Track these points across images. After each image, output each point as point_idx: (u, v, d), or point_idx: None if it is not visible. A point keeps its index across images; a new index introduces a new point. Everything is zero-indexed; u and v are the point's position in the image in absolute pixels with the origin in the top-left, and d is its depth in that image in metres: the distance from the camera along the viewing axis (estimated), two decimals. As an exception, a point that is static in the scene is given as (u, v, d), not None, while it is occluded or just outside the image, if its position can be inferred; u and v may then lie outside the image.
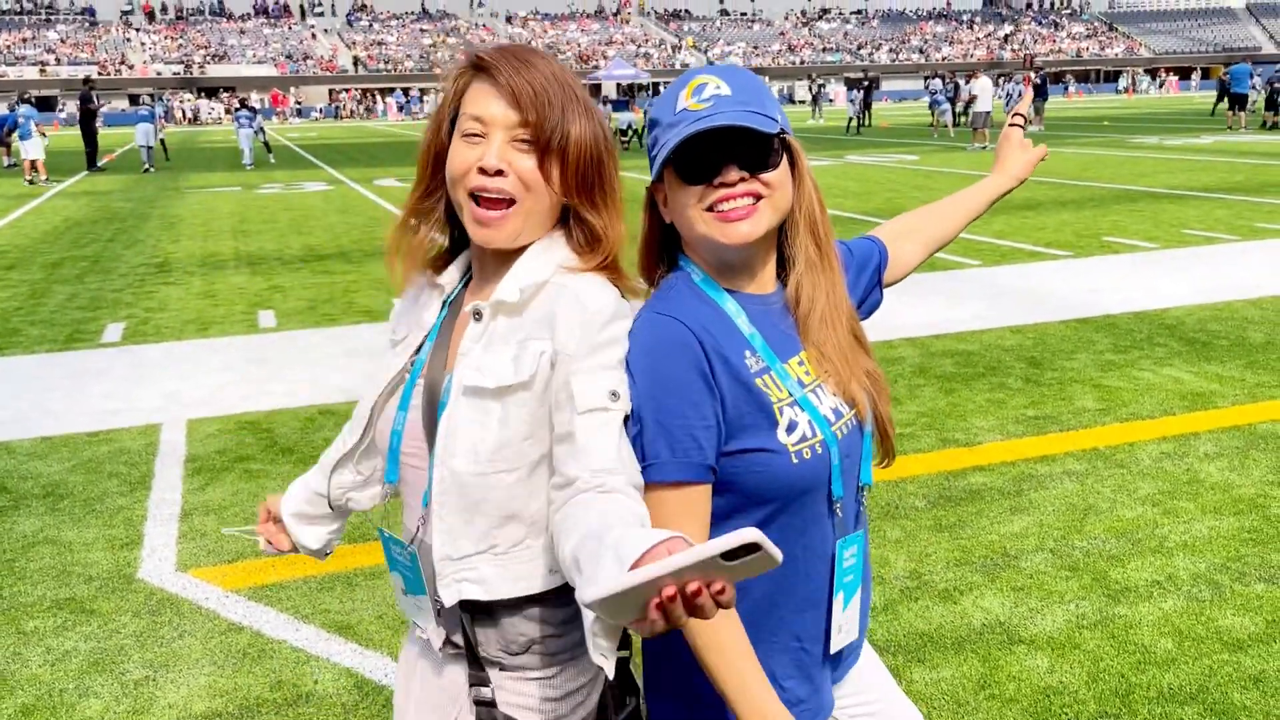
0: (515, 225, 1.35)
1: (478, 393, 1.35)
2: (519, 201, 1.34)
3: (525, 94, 1.32)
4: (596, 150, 1.36)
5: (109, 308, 8.47)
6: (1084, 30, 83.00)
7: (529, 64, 1.35)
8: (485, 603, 1.38)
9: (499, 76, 1.33)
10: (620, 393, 1.31)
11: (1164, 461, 4.55)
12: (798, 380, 1.41)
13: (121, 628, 3.39)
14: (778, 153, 1.36)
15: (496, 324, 1.37)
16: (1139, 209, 12.60)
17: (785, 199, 1.38)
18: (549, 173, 1.34)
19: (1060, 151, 22.09)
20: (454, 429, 1.36)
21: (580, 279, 1.36)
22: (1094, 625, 3.23)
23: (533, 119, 1.32)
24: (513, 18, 78.13)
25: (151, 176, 22.18)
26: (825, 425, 1.39)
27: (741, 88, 1.36)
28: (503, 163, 1.32)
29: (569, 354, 1.31)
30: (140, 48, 66.40)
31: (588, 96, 1.39)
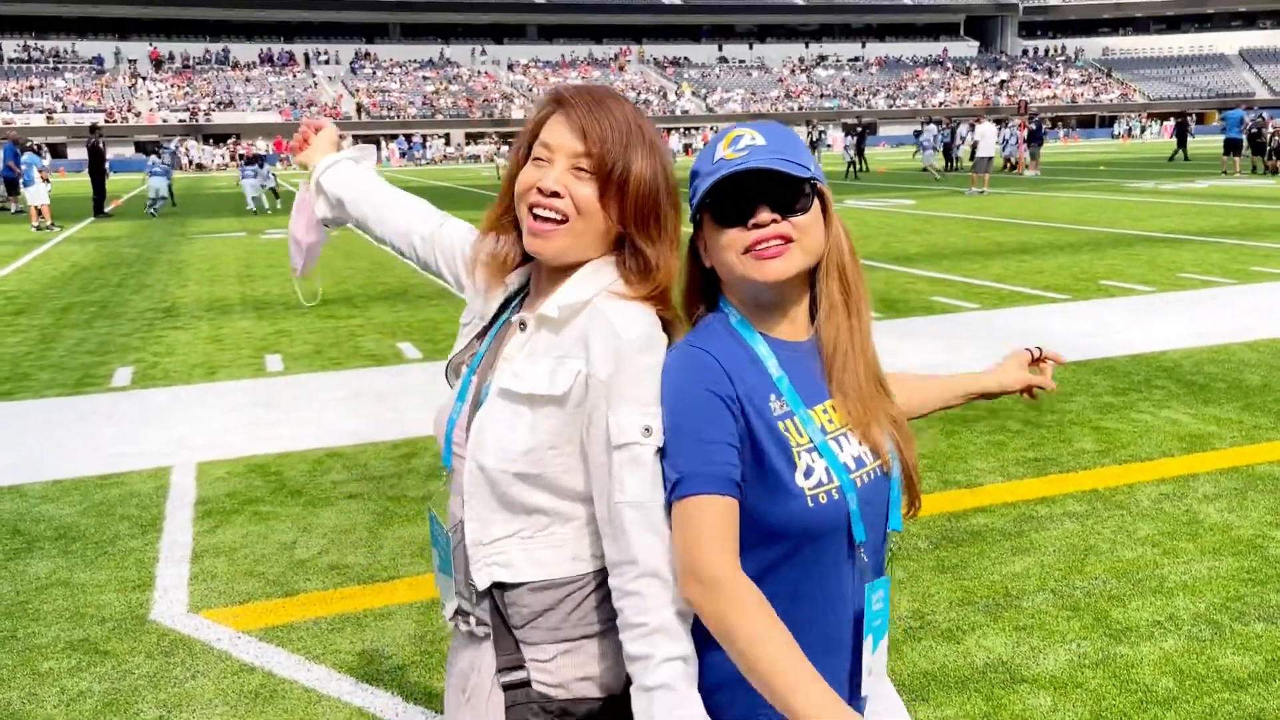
0: (562, 242, 1.47)
1: (510, 395, 1.48)
2: (570, 221, 1.46)
3: (592, 128, 1.45)
4: (654, 187, 1.49)
5: (118, 352, 8.55)
6: (1079, 76, 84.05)
7: (602, 104, 1.48)
8: (512, 584, 1.49)
9: (572, 112, 1.47)
10: (653, 428, 1.40)
11: (1163, 503, 4.60)
12: (820, 427, 1.45)
13: (135, 668, 3.43)
14: (808, 197, 1.44)
15: (539, 336, 1.50)
16: (1135, 253, 12.74)
17: (816, 242, 1.45)
18: (606, 202, 1.46)
19: (1057, 196, 22.32)
20: (484, 426, 1.49)
21: (619, 304, 1.46)
22: (1096, 664, 3.28)
23: (595, 150, 1.45)
24: (514, 65, 79.17)
25: (158, 222, 22.39)
26: (844, 472, 1.43)
27: (775, 139, 1.45)
28: (559, 186, 1.46)
29: (601, 378, 1.42)
30: (147, 96, 67.22)
31: (656, 139, 1.52)
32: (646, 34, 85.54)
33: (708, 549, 1.34)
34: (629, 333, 1.42)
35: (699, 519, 1.35)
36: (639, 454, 1.39)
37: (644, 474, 1.39)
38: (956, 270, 11.79)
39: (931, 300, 9.88)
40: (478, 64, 78.82)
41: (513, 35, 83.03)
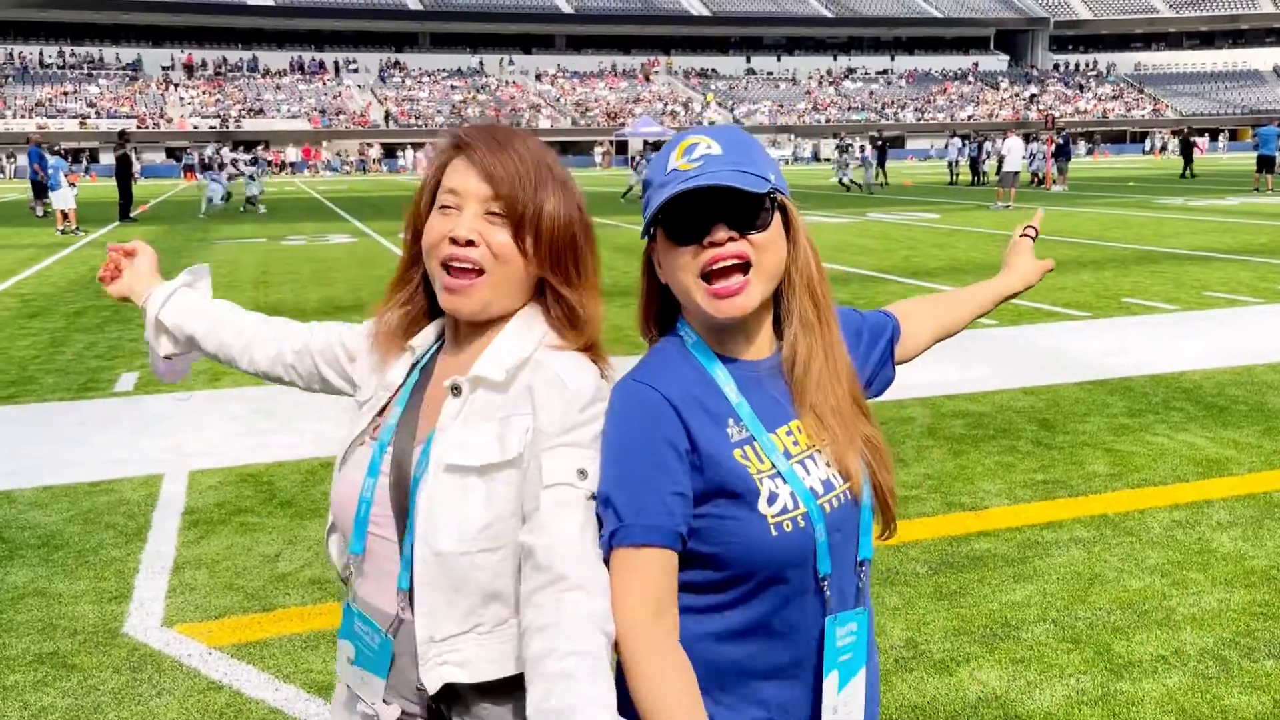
0: (483, 295, 1.37)
1: (460, 470, 1.34)
2: (488, 272, 1.36)
3: (499, 169, 1.36)
4: (570, 228, 1.39)
5: (125, 357, 8.54)
6: (1110, 91, 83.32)
7: (506, 143, 1.38)
8: (464, 685, 1.35)
9: (475, 154, 1.37)
10: (589, 471, 1.31)
11: (1175, 530, 4.43)
12: (784, 451, 1.36)
13: (101, 684, 3.35)
14: (768, 212, 1.34)
15: (476, 399, 1.38)
16: (1160, 270, 12.50)
17: (776, 261, 1.36)
18: (523, 246, 1.36)
19: (1082, 212, 22.04)
20: (434, 507, 1.34)
21: (562, 357, 1.37)
22: (1095, 701, 3.12)
23: (505, 192, 1.35)
24: (542, 75, 79.43)
25: (181, 227, 22.55)
26: (810, 498, 1.35)
27: (732, 147, 1.35)
28: (473, 233, 1.35)
29: (547, 432, 1.32)
30: (179, 102, 67.97)
31: (566, 176, 1.42)
32: (675, 45, 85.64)
33: (633, 602, 1.26)
34: (576, 384, 1.34)
35: (630, 571, 1.27)
36: (569, 496, 1.29)
37: (572, 518, 1.28)
38: (976, 285, 11.59)
39: (948, 316, 9.70)
40: (506, 73, 79.18)
41: (541, 45, 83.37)
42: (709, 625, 1.35)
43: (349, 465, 1.47)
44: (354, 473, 1.45)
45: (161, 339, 1.76)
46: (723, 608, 1.34)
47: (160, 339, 1.76)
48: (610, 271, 13.34)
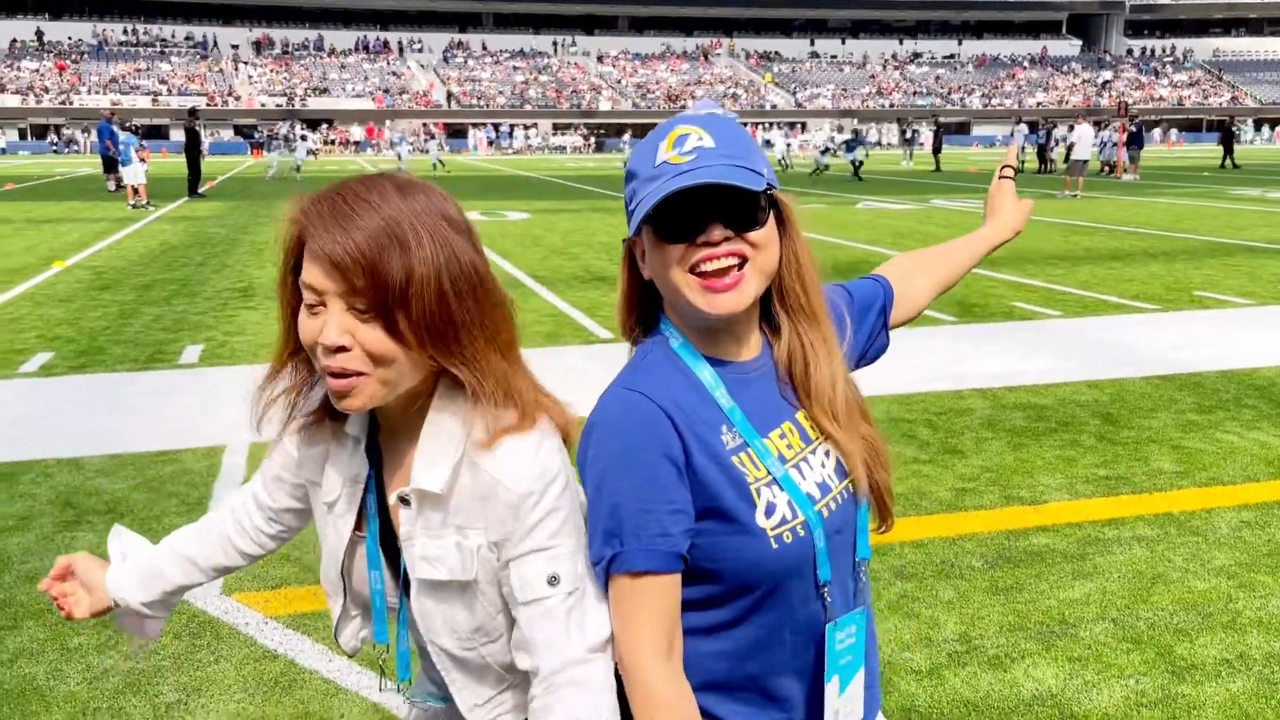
0: (372, 391, 1.24)
1: (431, 585, 1.32)
2: (369, 373, 1.23)
3: (344, 258, 1.18)
4: (444, 300, 1.21)
5: (190, 330, 8.72)
6: (1186, 78, 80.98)
7: (348, 217, 1.20)
8: None
9: (317, 241, 1.20)
10: (559, 574, 1.25)
11: (1243, 530, 4.31)
12: (778, 456, 1.33)
13: (161, 649, 3.43)
14: (764, 210, 1.28)
15: (426, 510, 1.31)
16: (1235, 263, 12.14)
17: (771, 259, 1.31)
18: (400, 336, 1.21)
19: (1154, 202, 21.47)
20: (428, 615, 1.35)
21: (496, 453, 1.25)
22: (1154, 704, 3.05)
23: (360, 284, 1.18)
24: (604, 57, 79.34)
25: (246, 204, 22.95)
26: (808, 505, 1.32)
27: (726, 139, 1.28)
28: (344, 337, 1.21)
29: (505, 544, 1.27)
30: (247, 81, 69.13)
31: (433, 222, 1.23)
32: (738, 27, 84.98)
33: (640, 636, 1.24)
34: (517, 485, 1.24)
35: (634, 601, 1.24)
36: (545, 609, 1.25)
37: (556, 628, 1.25)
38: (1041, 275, 11.37)
39: (1012, 305, 9.53)
40: (568, 55, 79.21)
41: (604, 26, 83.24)
42: (712, 644, 1.33)
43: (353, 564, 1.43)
44: (358, 569, 1.42)
45: (145, 621, 1.63)
46: (725, 625, 1.32)
47: (144, 621, 1.63)
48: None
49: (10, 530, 4.42)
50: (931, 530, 4.34)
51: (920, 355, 7.44)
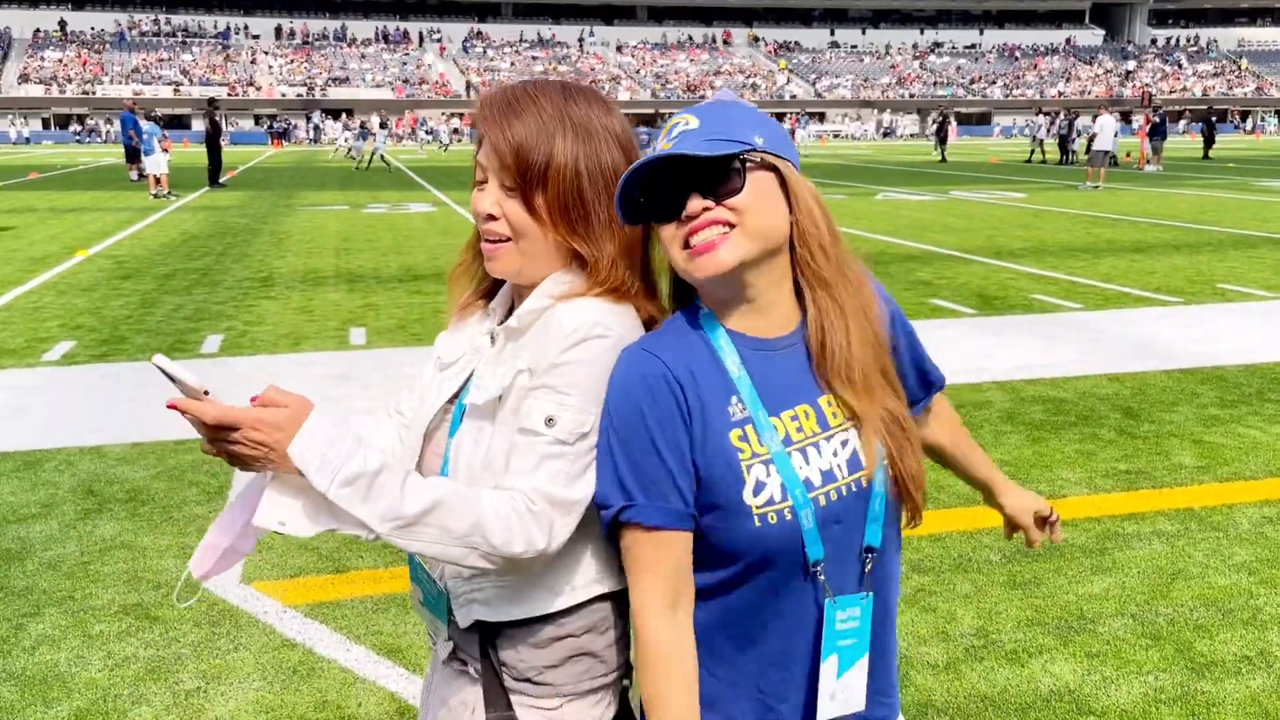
0: (512, 260, 1.42)
1: (474, 412, 1.42)
2: (514, 240, 1.41)
3: (503, 139, 1.38)
4: (575, 176, 1.38)
5: (211, 319, 8.77)
6: (1211, 69, 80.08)
7: (513, 105, 1.40)
8: (494, 625, 1.42)
9: (485, 125, 1.41)
10: (558, 419, 1.32)
11: (1265, 526, 4.27)
12: (785, 436, 1.31)
13: (181, 636, 3.46)
14: (738, 174, 1.27)
15: (505, 349, 1.44)
16: (1259, 255, 12.01)
17: (762, 223, 1.28)
18: (537, 212, 1.39)
19: (1178, 193, 21.27)
20: (459, 450, 1.43)
21: (574, 302, 1.37)
22: (1173, 700, 3.03)
23: (511, 163, 1.38)
24: (623, 47, 79.14)
25: (267, 193, 23.05)
26: (800, 490, 1.30)
27: (712, 120, 1.30)
28: (494, 207, 1.40)
29: (534, 371, 1.36)
30: (268, 71, 69.36)
31: (591, 122, 1.41)
32: (757, 17, 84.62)
33: (650, 587, 1.30)
34: (569, 323, 1.34)
35: (647, 553, 1.30)
36: (534, 444, 1.32)
37: (529, 462, 1.32)
38: (1062, 268, 11.29)
39: (1032, 298, 9.46)
40: (587, 45, 79.08)
41: (623, 17, 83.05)
42: (700, 612, 1.35)
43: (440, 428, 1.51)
44: (440, 435, 1.49)
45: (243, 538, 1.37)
46: (713, 591, 1.34)
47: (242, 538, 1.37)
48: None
49: (32, 518, 4.46)
50: (949, 524, 4.32)
51: (939, 347, 7.40)
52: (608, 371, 1.33)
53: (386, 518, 1.24)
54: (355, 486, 1.21)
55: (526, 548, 1.29)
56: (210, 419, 1.20)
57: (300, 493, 1.24)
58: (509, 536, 1.28)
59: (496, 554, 1.29)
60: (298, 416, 1.21)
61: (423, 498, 1.25)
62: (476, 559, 1.29)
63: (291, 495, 1.25)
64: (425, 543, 1.27)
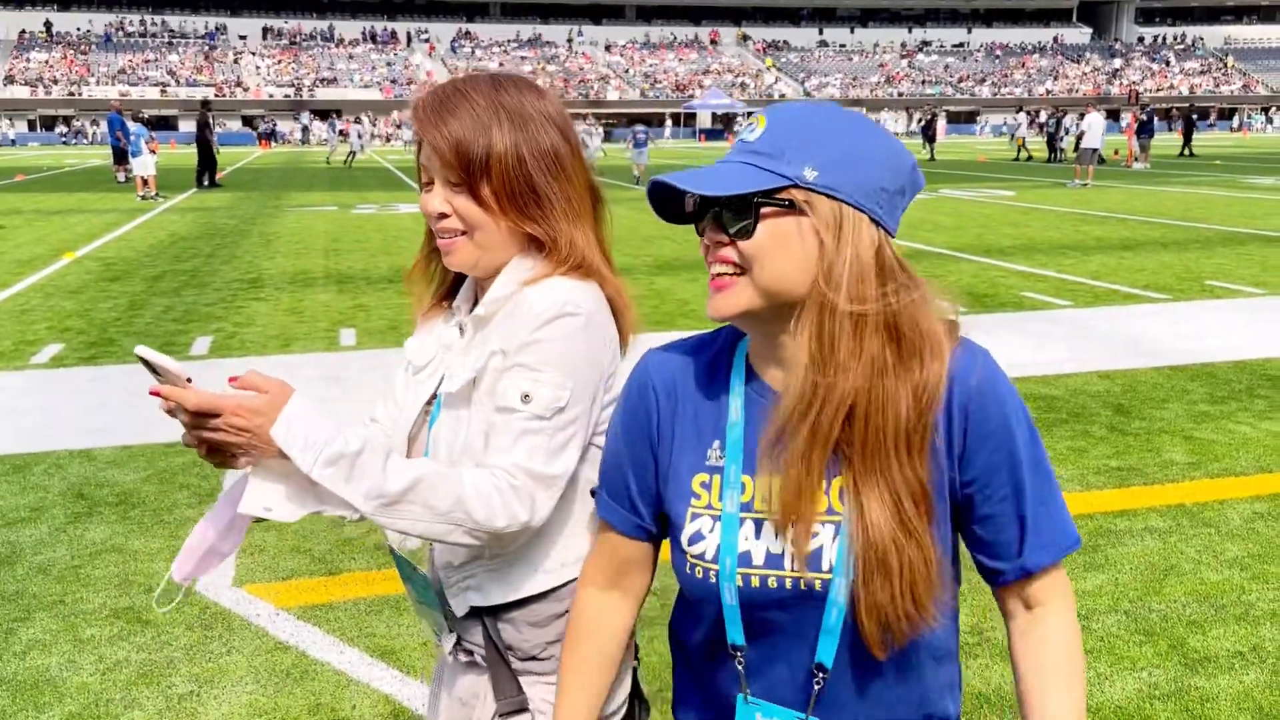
0: (469, 253, 1.43)
1: (451, 400, 1.43)
2: (468, 234, 1.42)
3: (440, 137, 1.39)
4: (517, 163, 1.39)
5: (200, 321, 8.73)
6: (1198, 66, 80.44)
7: (445, 103, 1.40)
8: (490, 608, 1.44)
9: (419, 127, 1.41)
10: (533, 394, 1.33)
11: (1256, 522, 4.28)
12: (748, 501, 1.18)
13: (173, 640, 3.44)
14: (751, 218, 1.11)
15: (475, 338, 1.46)
16: (1247, 252, 12.07)
17: (771, 275, 1.11)
18: (486, 203, 1.40)
19: (1166, 190, 21.36)
20: (438, 439, 1.44)
21: (538, 285, 1.38)
22: (1167, 696, 3.04)
23: (452, 161, 1.39)
24: (611, 46, 79.10)
25: (256, 194, 22.96)
26: (731, 556, 1.16)
27: (779, 130, 1.13)
28: (444, 205, 1.42)
29: (506, 351, 1.37)
30: (255, 71, 69.12)
31: (524, 109, 1.41)
32: (746, 16, 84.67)
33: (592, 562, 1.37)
34: (539, 303, 1.36)
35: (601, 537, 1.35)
36: (512, 421, 1.33)
37: (507, 439, 1.33)
38: (1051, 265, 11.32)
39: (1022, 296, 9.49)
40: (575, 44, 79.01)
41: (611, 16, 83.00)
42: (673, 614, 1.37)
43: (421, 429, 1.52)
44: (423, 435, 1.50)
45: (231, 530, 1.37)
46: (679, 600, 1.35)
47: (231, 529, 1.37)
48: (675, 244, 13.29)
49: (22, 522, 4.44)
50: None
51: (930, 346, 7.41)
52: (581, 347, 1.34)
53: (370, 496, 1.25)
54: (339, 466, 1.23)
55: (509, 522, 1.30)
56: (192, 405, 1.21)
57: (283, 478, 1.27)
58: (491, 512, 1.29)
59: (480, 530, 1.30)
60: (278, 400, 1.22)
61: (405, 476, 1.26)
62: (460, 535, 1.30)
63: (274, 481, 1.27)
64: (409, 520, 1.28)
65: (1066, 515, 1.20)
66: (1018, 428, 1.16)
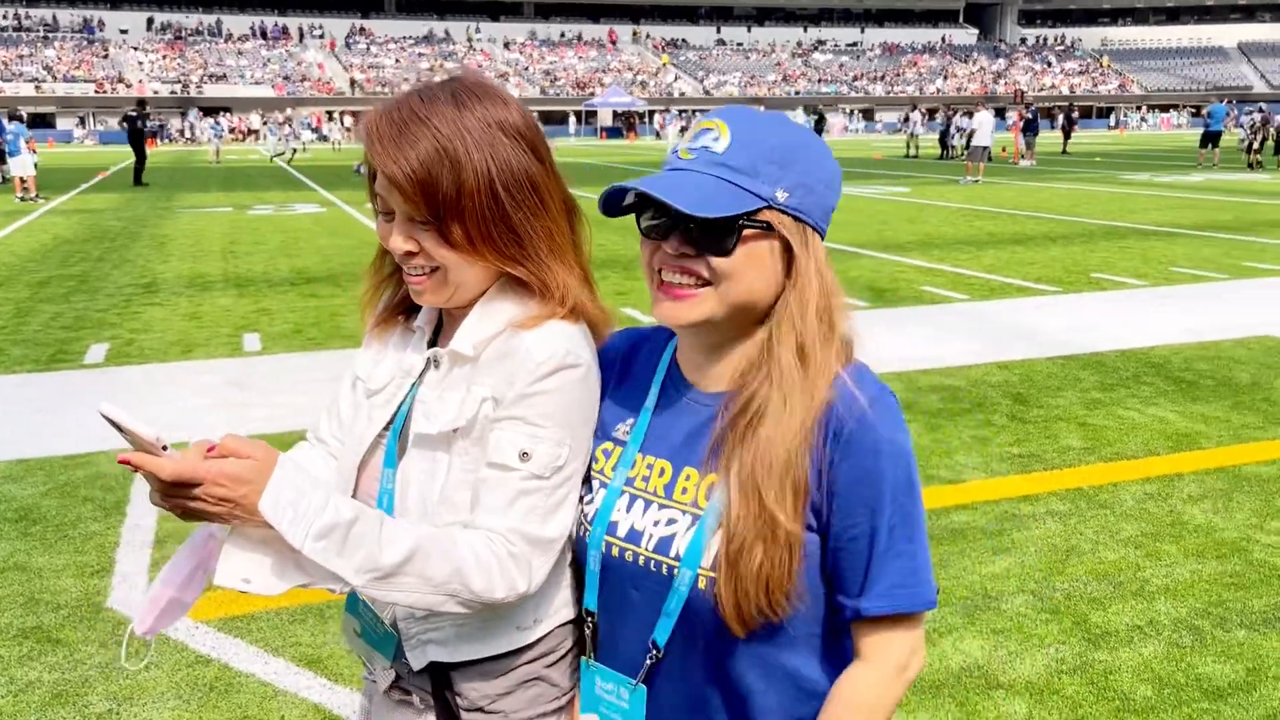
0: (442, 292, 1.32)
1: (426, 441, 1.32)
2: (440, 270, 1.30)
3: (400, 180, 1.24)
4: (493, 201, 1.26)
5: (94, 328, 8.41)
6: (1077, 66, 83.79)
7: (405, 131, 1.25)
8: (453, 664, 1.35)
9: (377, 156, 1.25)
10: (533, 452, 1.25)
11: (1147, 503, 4.53)
12: (632, 478, 1.27)
13: (87, 658, 3.33)
14: (732, 239, 1.13)
15: (454, 373, 1.34)
16: (1128, 245, 12.66)
17: (741, 292, 1.15)
18: (455, 242, 1.27)
19: (1051, 187, 22.23)
20: (406, 481, 1.33)
21: (537, 331, 1.29)
22: (1073, 670, 3.20)
23: (416, 199, 1.24)
24: (510, 43, 78.57)
25: (145, 195, 22.17)
26: (600, 528, 1.27)
27: (742, 145, 1.15)
28: (409, 243, 1.28)
29: (502, 401, 1.28)
30: (138, 66, 66.57)
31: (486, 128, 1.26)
32: (644, 14, 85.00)
33: None
34: (540, 352, 1.27)
35: None
36: (508, 480, 1.25)
37: (502, 499, 1.25)
38: (948, 260, 11.70)
39: (921, 290, 9.79)
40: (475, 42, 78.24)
41: (509, 13, 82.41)
42: None
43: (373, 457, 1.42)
44: (374, 464, 1.40)
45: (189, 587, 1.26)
46: None
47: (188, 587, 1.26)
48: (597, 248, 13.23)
49: (-86, 541, 4.23)
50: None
51: (837, 340, 7.59)
52: (581, 401, 1.29)
53: (363, 570, 1.16)
54: (331, 539, 1.14)
55: (508, 593, 1.24)
56: (168, 475, 1.10)
57: (263, 545, 1.16)
58: (490, 582, 1.22)
59: (477, 600, 1.23)
60: (264, 468, 1.13)
61: (401, 546, 1.18)
62: (454, 605, 1.22)
63: (254, 550, 1.16)
64: (403, 592, 1.20)
65: (923, 575, 1.18)
66: (890, 468, 1.16)
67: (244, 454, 1.13)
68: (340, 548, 1.15)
